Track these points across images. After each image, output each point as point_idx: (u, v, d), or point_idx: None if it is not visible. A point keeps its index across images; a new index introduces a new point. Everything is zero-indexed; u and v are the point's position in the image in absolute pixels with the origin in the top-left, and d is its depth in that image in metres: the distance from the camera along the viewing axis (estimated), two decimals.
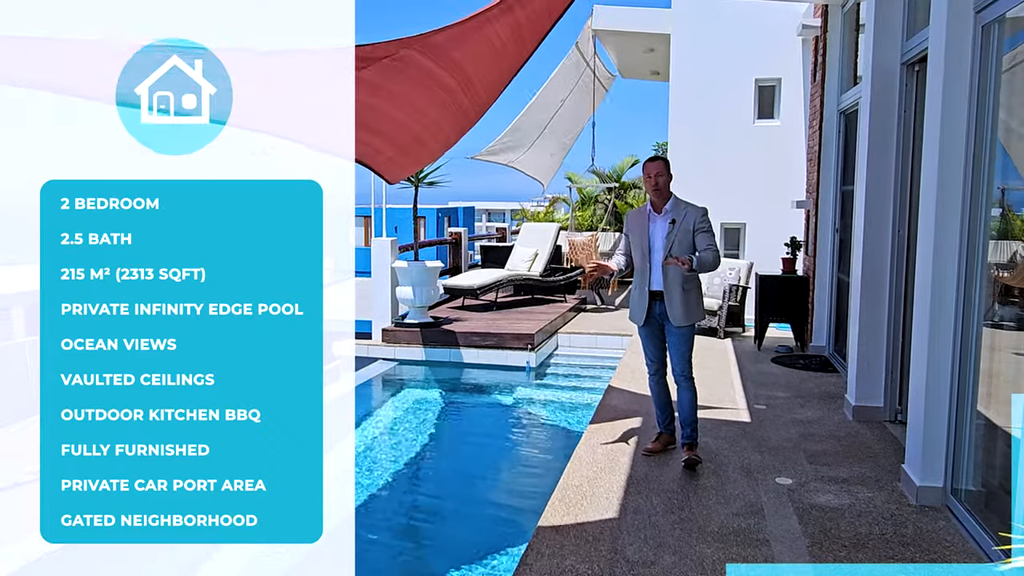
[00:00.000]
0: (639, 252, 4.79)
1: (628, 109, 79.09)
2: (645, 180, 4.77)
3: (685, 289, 4.69)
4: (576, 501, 4.22)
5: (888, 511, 4.12)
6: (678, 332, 4.76)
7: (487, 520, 5.00)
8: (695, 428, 4.85)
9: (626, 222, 4.98)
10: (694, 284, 4.78)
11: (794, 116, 10.40)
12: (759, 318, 8.72)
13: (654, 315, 4.78)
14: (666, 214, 4.71)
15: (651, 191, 4.75)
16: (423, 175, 9.28)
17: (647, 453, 4.97)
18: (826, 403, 6.31)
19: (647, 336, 4.92)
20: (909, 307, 5.54)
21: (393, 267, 9.44)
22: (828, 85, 7.94)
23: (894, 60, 5.54)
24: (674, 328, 4.75)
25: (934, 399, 4.17)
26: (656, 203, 4.75)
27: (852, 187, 7.01)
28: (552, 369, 9.03)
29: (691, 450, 4.80)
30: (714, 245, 4.69)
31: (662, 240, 4.70)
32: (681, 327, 4.73)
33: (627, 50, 12.83)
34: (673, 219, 4.67)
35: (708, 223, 4.73)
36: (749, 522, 3.98)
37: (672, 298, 4.69)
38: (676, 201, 4.75)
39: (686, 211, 4.71)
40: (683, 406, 4.85)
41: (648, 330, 4.88)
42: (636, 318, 4.88)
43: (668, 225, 4.67)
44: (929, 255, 4.15)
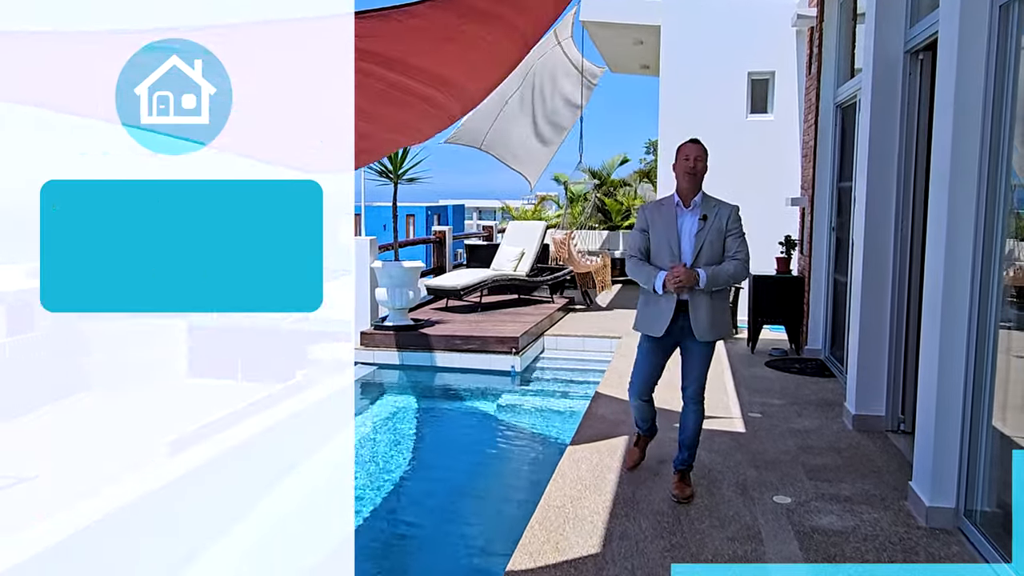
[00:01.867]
0: (665, 251, 4.06)
1: (618, 105, 78.71)
2: (679, 163, 4.08)
3: (713, 297, 4.08)
4: (557, 525, 3.87)
5: (896, 535, 3.79)
6: (701, 348, 4.12)
7: (462, 547, 4.65)
8: (694, 454, 4.30)
9: (643, 216, 4.21)
10: (723, 290, 4.16)
11: (788, 110, 10.07)
12: (752, 320, 8.40)
13: (675, 328, 4.10)
14: (695, 208, 4.07)
15: (685, 175, 4.04)
16: (402, 171, 8.89)
17: (632, 468, 4.55)
18: (824, 411, 5.99)
19: (655, 352, 4.22)
20: (913, 310, 5.23)
21: (372, 267, 9.07)
22: (824, 77, 7.63)
23: (897, 48, 5.22)
24: (697, 344, 4.11)
25: (945, 411, 3.85)
26: (686, 193, 4.07)
27: (849, 183, 6.70)
28: (538, 374, 8.68)
29: (684, 480, 4.25)
30: (744, 252, 4.09)
31: (691, 239, 4.04)
32: (706, 342, 4.11)
33: (615, 42, 12.47)
34: (704, 215, 4.04)
35: (740, 224, 4.13)
36: (746, 548, 3.65)
37: (698, 308, 4.04)
38: (705, 196, 4.11)
39: (718, 208, 4.09)
40: (688, 428, 4.24)
41: (660, 345, 4.19)
42: (652, 328, 4.14)
43: (699, 222, 4.04)
44: (940, 254, 3.83)
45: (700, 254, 4.02)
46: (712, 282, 3.98)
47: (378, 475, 5.76)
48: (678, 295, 4.02)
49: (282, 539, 4.60)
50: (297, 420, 6.96)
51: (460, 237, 14.73)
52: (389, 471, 5.84)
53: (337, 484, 5.52)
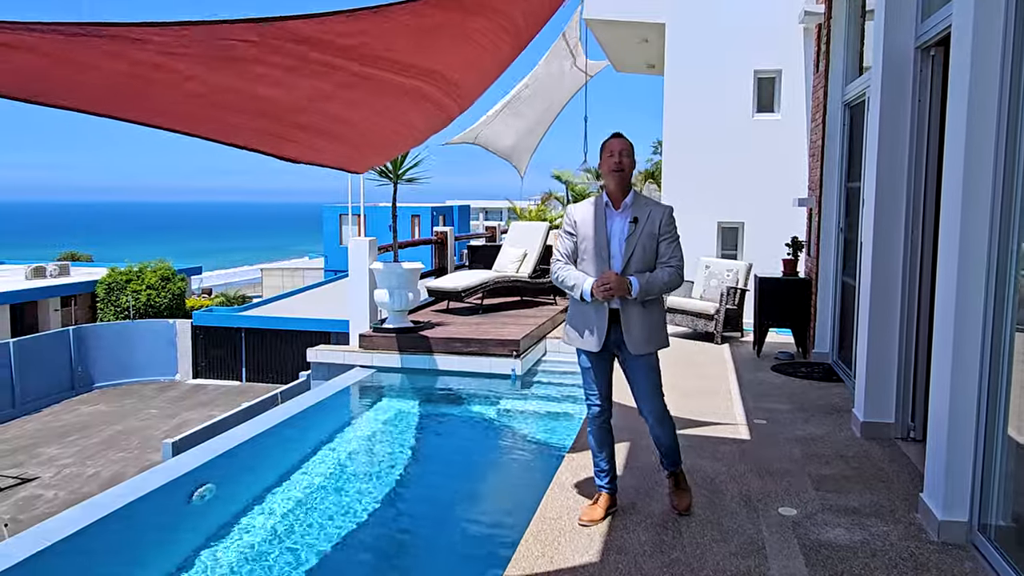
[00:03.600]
0: (595, 257, 3.74)
1: (622, 105, 78.61)
2: (605, 160, 3.77)
3: (645, 306, 3.75)
4: (552, 539, 3.72)
5: (907, 550, 3.62)
6: (640, 362, 3.79)
7: (455, 559, 4.50)
8: (678, 457, 4.04)
9: (568, 217, 3.88)
10: (656, 299, 3.83)
11: (795, 109, 9.91)
12: (758, 323, 8.24)
13: (608, 340, 3.77)
14: (625, 210, 3.74)
15: (612, 174, 3.73)
16: (401, 171, 8.75)
17: (585, 523, 3.85)
18: (831, 417, 5.82)
19: (596, 367, 3.86)
20: (924, 313, 5.07)
21: (371, 268, 8.93)
22: (832, 75, 7.46)
23: (907, 44, 5.05)
24: (633, 357, 3.78)
25: (958, 419, 3.69)
26: (615, 193, 3.76)
27: (858, 184, 6.53)
28: (539, 377, 8.53)
29: (680, 485, 4.03)
30: (678, 257, 3.76)
31: (620, 244, 3.72)
32: (641, 355, 3.77)
33: (620, 41, 12.32)
34: (635, 217, 3.71)
35: (675, 228, 3.80)
36: (749, 563, 3.49)
37: (629, 319, 3.71)
38: (636, 196, 3.79)
39: (650, 209, 3.75)
40: (662, 441, 3.96)
41: (598, 359, 3.84)
42: (586, 343, 3.79)
43: (629, 225, 3.71)
44: (953, 256, 3.67)
45: (631, 260, 3.69)
46: (645, 291, 3.66)
47: (372, 482, 5.63)
48: (608, 304, 3.71)
49: (276, 545, 4.47)
50: (292, 425, 6.83)
51: (463, 238, 14.58)
52: (383, 477, 5.69)
53: (330, 490, 5.38)
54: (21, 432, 15.99)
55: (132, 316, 22.42)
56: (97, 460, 13.97)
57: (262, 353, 19.86)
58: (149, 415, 16.97)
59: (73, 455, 14.26)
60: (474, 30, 3.93)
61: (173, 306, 23.54)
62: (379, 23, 3.23)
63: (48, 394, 18.06)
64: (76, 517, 4.62)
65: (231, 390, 19.07)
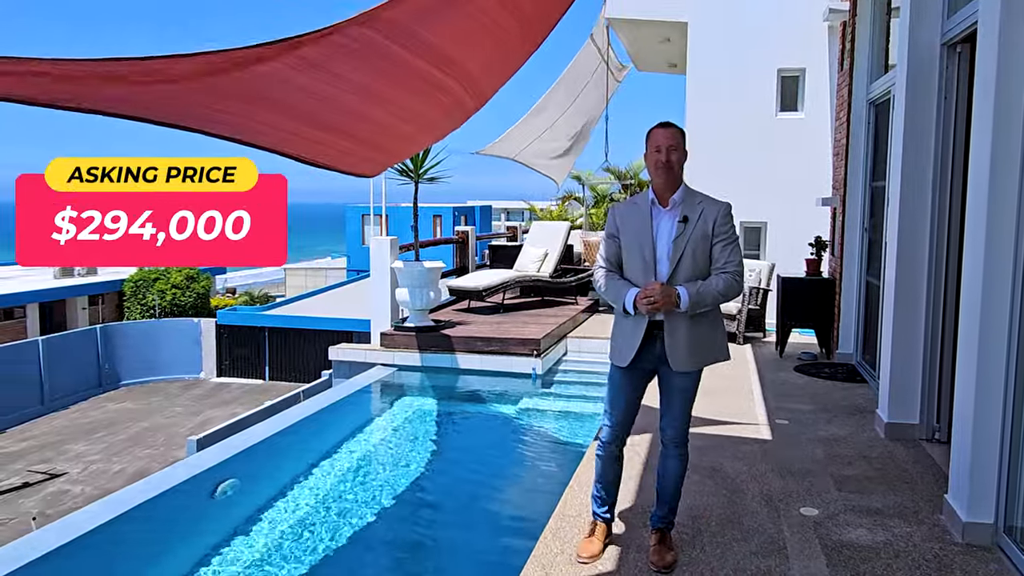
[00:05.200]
0: (637, 261, 3.32)
1: (644, 104, 78.33)
2: (649, 154, 3.35)
3: (694, 318, 3.27)
4: (571, 536, 3.72)
5: (930, 551, 3.58)
6: (681, 381, 3.35)
7: (474, 554, 4.51)
8: (675, 508, 3.55)
9: (612, 218, 3.45)
10: (710, 310, 3.34)
11: (819, 108, 9.83)
12: (781, 323, 8.18)
13: (649, 355, 3.34)
14: (673, 208, 3.31)
15: (658, 170, 3.29)
16: (423, 171, 8.78)
17: (584, 560, 3.46)
18: (855, 418, 5.76)
19: (625, 385, 3.42)
20: (949, 313, 5.01)
21: (392, 267, 8.97)
22: (857, 73, 7.39)
23: (933, 40, 4.99)
24: (675, 375, 3.33)
25: (984, 420, 3.64)
26: (661, 190, 3.34)
27: (883, 183, 6.47)
28: (560, 376, 8.53)
29: (664, 543, 3.48)
30: (735, 262, 3.29)
31: (668, 246, 3.27)
32: (686, 372, 3.34)
33: (642, 40, 12.28)
34: (685, 216, 3.27)
35: (732, 227, 3.33)
36: (769, 563, 3.47)
37: (676, 330, 3.27)
38: (688, 191, 3.34)
39: (702, 207, 3.30)
40: (667, 478, 3.50)
41: (630, 376, 3.40)
42: (619, 356, 3.38)
43: (678, 225, 3.27)
44: (979, 255, 3.62)
45: (680, 265, 3.26)
46: (696, 303, 3.19)
47: (392, 477, 5.66)
48: (650, 316, 3.28)
49: (298, 538, 4.51)
50: (314, 422, 6.88)
51: (484, 237, 14.60)
52: (405, 475, 5.72)
53: (352, 486, 5.42)
54: (50, 428, 16.26)
55: (158, 315, 22.70)
56: (123, 456, 14.16)
57: (285, 352, 20.02)
58: (174, 412, 17.17)
59: (100, 451, 14.47)
60: (493, 21, 3.96)
61: (198, 305, 23.80)
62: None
63: (76, 391, 18.35)
64: (100, 511, 4.69)
65: (254, 388, 19.25)
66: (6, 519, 11.18)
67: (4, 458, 14.18)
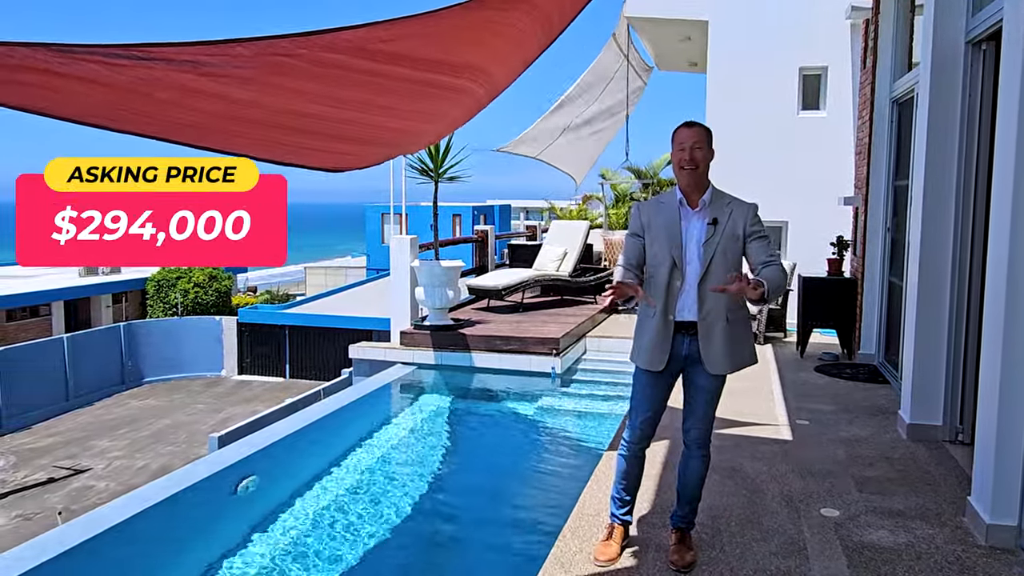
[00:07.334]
0: (665, 264, 3.28)
1: (665, 103, 78.04)
2: (674, 154, 3.31)
3: (730, 320, 3.28)
4: (590, 535, 3.73)
5: (953, 553, 3.55)
6: (710, 382, 3.32)
7: (494, 552, 4.53)
8: (696, 508, 3.55)
9: (636, 216, 3.40)
10: (743, 312, 3.35)
11: (842, 107, 9.74)
12: (802, 323, 8.13)
13: (677, 357, 3.33)
14: (702, 209, 3.28)
15: (682, 169, 3.26)
16: (443, 170, 8.81)
17: (602, 564, 3.44)
18: (876, 419, 5.72)
19: (652, 386, 3.38)
20: (973, 313, 4.95)
21: (412, 266, 9.01)
22: (880, 72, 7.32)
23: (958, 38, 4.94)
24: (707, 376, 3.31)
25: (1008, 421, 3.60)
26: (689, 191, 3.30)
27: (906, 182, 6.41)
28: (579, 376, 8.52)
29: (684, 542, 3.49)
30: (777, 255, 3.27)
31: (698, 248, 3.25)
32: (717, 376, 3.33)
33: (662, 39, 12.25)
34: (714, 218, 3.25)
35: (762, 225, 3.33)
36: (789, 563, 3.45)
37: (711, 333, 3.25)
38: (716, 192, 3.32)
39: (731, 208, 3.28)
40: (688, 477, 3.48)
41: (658, 379, 3.36)
42: (648, 360, 3.33)
43: (708, 227, 3.25)
44: (1003, 255, 3.59)
45: (711, 267, 3.23)
46: (775, 291, 3.10)
47: (413, 477, 5.69)
48: (673, 317, 3.26)
49: (318, 535, 4.55)
50: (335, 419, 6.93)
51: (503, 236, 14.62)
52: (424, 472, 5.75)
53: (371, 483, 5.45)
54: (74, 424, 16.48)
55: (180, 313, 22.93)
56: (146, 453, 14.33)
57: (305, 350, 20.16)
58: (196, 410, 17.35)
59: (123, 448, 14.65)
60: (508, 24, 3.97)
61: (219, 303, 24.00)
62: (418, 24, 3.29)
63: (100, 388, 18.59)
64: (124, 506, 4.75)
65: (275, 386, 19.41)
66: (32, 514, 11.36)
67: (30, 454, 14.40)
